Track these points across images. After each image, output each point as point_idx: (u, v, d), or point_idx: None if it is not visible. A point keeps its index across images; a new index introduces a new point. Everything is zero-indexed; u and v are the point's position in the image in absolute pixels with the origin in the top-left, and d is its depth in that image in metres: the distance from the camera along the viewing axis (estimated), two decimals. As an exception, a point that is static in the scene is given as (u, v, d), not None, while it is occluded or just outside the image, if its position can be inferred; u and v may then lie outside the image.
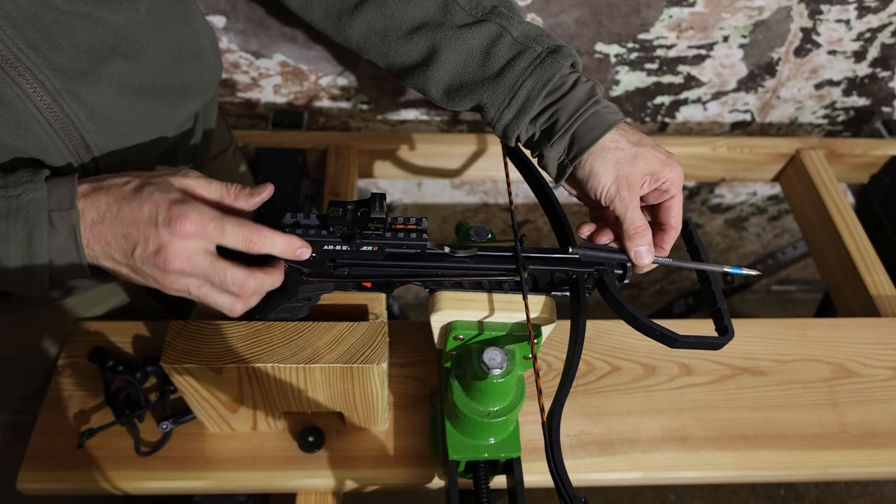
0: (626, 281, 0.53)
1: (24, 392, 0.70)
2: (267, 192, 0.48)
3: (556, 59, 0.53)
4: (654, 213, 0.56)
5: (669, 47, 0.99)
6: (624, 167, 0.51)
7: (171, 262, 0.44)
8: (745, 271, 0.54)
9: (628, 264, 0.53)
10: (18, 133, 0.48)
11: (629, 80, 1.04)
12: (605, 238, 0.54)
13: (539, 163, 0.56)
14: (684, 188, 1.31)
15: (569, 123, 0.52)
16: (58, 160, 0.51)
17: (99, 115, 0.51)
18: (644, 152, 0.52)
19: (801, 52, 1.02)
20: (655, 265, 0.54)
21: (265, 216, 0.65)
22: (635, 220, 0.52)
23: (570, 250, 0.52)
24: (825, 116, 1.17)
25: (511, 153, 0.61)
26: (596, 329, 0.74)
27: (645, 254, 0.52)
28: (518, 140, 0.56)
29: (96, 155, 0.53)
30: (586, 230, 0.55)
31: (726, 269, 0.54)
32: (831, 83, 1.09)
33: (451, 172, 1.04)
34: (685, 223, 0.56)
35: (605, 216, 0.57)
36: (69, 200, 0.45)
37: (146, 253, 0.44)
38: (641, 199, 0.54)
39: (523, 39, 0.54)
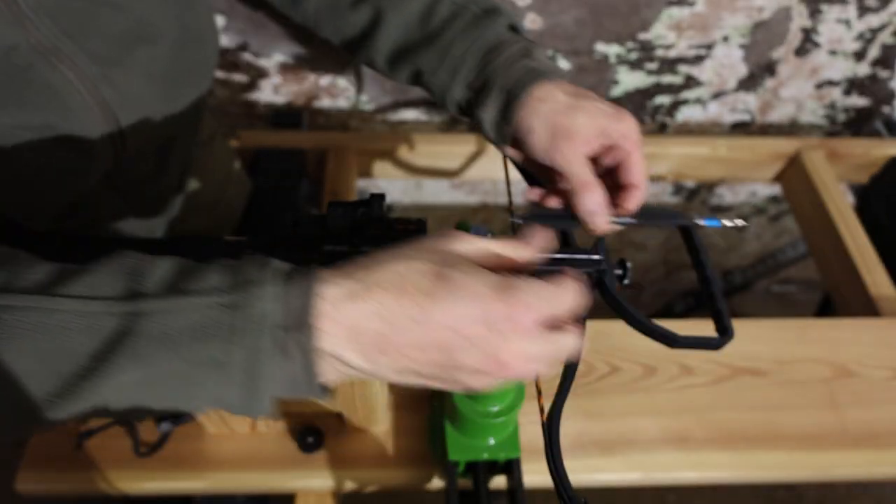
0: (626, 282, 0.53)
1: None
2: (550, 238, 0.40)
3: (492, 20, 0.52)
4: (614, 175, 0.50)
5: (669, 47, 0.99)
6: (559, 118, 0.47)
7: (510, 369, 0.34)
8: (725, 222, 0.49)
9: (628, 264, 0.53)
10: (67, 118, 0.49)
11: (629, 80, 1.04)
12: (554, 202, 0.50)
13: (480, 129, 0.53)
14: (684, 188, 1.31)
15: (502, 80, 0.50)
16: (99, 146, 0.52)
17: (131, 100, 0.52)
18: (584, 104, 0.48)
19: (801, 52, 1.02)
20: (616, 228, 0.49)
21: (265, 216, 0.65)
22: (578, 174, 0.47)
23: (515, 219, 0.48)
24: (825, 116, 1.17)
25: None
26: (596, 329, 0.74)
27: (596, 213, 0.47)
28: (459, 107, 0.54)
29: (127, 141, 0.54)
30: (534, 193, 0.51)
31: (699, 222, 0.49)
32: (831, 83, 1.09)
33: (450, 172, 1.04)
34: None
35: (555, 181, 0.52)
36: (303, 314, 0.32)
37: (472, 362, 0.34)
38: (598, 162, 0.50)
39: (461, 1, 0.54)
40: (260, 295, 0.32)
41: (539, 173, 0.53)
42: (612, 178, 0.50)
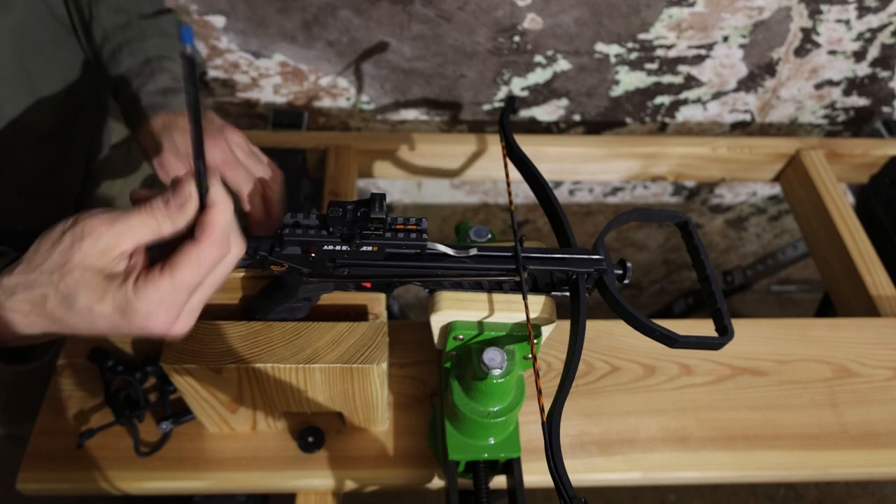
0: (626, 281, 0.53)
1: None
2: (191, 196, 0.40)
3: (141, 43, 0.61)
4: None
5: (669, 47, 0.99)
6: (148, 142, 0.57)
7: (162, 328, 0.40)
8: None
9: (628, 264, 0.53)
10: None
11: (629, 80, 1.04)
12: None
13: None
14: (684, 188, 1.31)
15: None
16: None
17: None
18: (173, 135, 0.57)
19: (801, 52, 1.02)
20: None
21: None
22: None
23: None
24: (825, 116, 1.17)
25: (511, 153, 0.61)
26: (596, 329, 0.74)
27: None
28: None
29: None
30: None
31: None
32: (831, 83, 1.09)
33: (451, 172, 1.03)
34: (685, 223, 0.56)
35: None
36: None
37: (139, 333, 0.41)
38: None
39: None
40: None
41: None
42: None
